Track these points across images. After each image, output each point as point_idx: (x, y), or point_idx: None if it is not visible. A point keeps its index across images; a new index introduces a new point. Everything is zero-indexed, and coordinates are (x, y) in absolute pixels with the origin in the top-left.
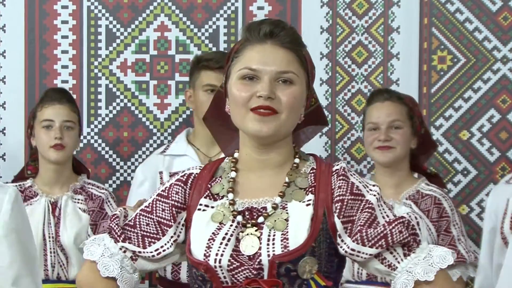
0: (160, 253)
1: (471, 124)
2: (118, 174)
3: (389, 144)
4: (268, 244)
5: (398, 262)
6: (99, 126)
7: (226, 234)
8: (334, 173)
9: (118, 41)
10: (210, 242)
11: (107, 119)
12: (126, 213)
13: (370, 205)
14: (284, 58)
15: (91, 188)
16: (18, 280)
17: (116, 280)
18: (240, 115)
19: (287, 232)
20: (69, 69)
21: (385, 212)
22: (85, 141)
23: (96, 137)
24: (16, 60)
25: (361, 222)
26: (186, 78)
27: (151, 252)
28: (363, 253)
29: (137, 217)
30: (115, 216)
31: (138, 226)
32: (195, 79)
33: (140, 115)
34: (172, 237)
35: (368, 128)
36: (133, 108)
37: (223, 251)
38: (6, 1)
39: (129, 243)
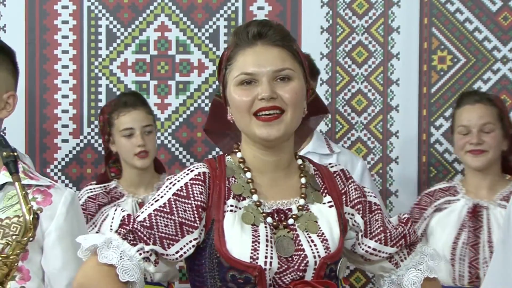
0: (182, 255)
1: None
2: None
3: (482, 148)
4: (310, 246)
5: (402, 261)
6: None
7: (267, 236)
8: (335, 175)
9: (118, 41)
10: (255, 245)
11: None
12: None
13: (378, 207)
14: (278, 56)
15: None
16: (71, 284)
17: (127, 284)
18: (245, 121)
19: (322, 233)
20: (70, 69)
21: (384, 214)
22: (85, 141)
23: (96, 137)
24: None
25: (379, 223)
26: (186, 78)
27: (173, 254)
28: (383, 252)
29: (153, 217)
30: (131, 217)
31: (155, 227)
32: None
33: None
34: (195, 239)
35: (459, 132)
36: None
37: (271, 254)
38: (7, 1)
39: (153, 245)
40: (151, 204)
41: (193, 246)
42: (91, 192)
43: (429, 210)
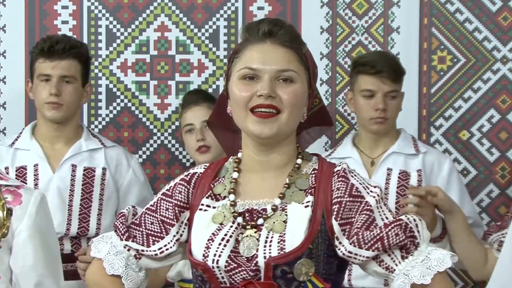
0: (163, 251)
1: (471, 124)
2: None
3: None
4: (265, 246)
5: (396, 265)
6: (100, 126)
7: (226, 235)
8: (335, 174)
9: (118, 41)
10: (209, 243)
11: (107, 119)
12: (135, 211)
13: (368, 207)
14: (284, 56)
15: None
16: (40, 281)
17: (121, 278)
18: (241, 115)
19: (285, 234)
20: None
21: (384, 214)
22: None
23: None
24: (16, 60)
25: (358, 224)
26: (186, 78)
27: (154, 250)
28: (360, 255)
29: (143, 215)
30: (122, 214)
31: (143, 224)
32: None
33: (140, 115)
34: (174, 236)
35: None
36: (133, 108)
37: (221, 252)
38: (6, 1)
39: (132, 241)
40: (148, 204)
41: (174, 243)
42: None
43: None
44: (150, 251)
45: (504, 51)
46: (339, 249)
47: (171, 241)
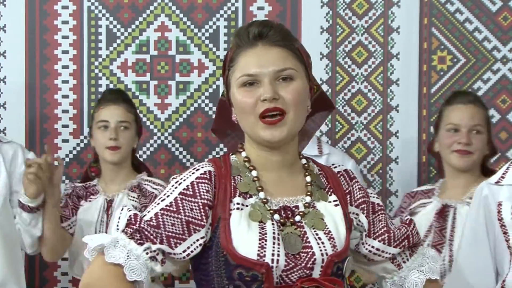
0: (189, 254)
1: None
2: None
3: (469, 149)
4: (318, 243)
5: (404, 262)
6: None
7: (274, 233)
8: (339, 175)
9: (118, 41)
10: (262, 242)
11: None
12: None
13: (381, 207)
14: (279, 56)
15: (147, 185)
16: (3, 284)
17: (134, 283)
18: (249, 123)
19: (329, 231)
20: (70, 69)
21: (388, 215)
22: (85, 141)
23: None
24: (16, 60)
25: (383, 223)
26: (186, 78)
27: (180, 253)
28: (386, 252)
29: (159, 217)
30: (138, 216)
31: (162, 226)
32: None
33: (140, 115)
34: (202, 237)
35: (447, 129)
36: None
37: (278, 251)
38: (7, 1)
39: (160, 244)
40: (157, 204)
41: (200, 245)
42: (68, 190)
43: (405, 213)
44: (176, 254)
45: (504, 51)
46: (364, 246)
47: (195, 242)
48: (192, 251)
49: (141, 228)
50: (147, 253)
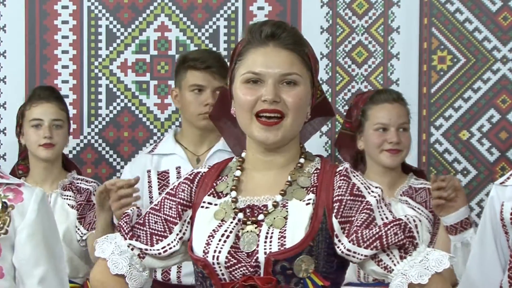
0: (166, 250)
1: (471, 124)
2: (118, 174)
3: (398, 147)
4: (265, 242)
5: (394, 265)
6: (100, 126)
7: (226, 231)
8: (337, 173)
9: (118, 41)
10: (210, 239)
11: (107, 119)
12: (139, 212)
13: (369, 206)
14: (287, 59)
15: (80, 183)
16: (44, 279)
17: (125, 277)
18: (245, 120)
19: (285, 230)
20: (70, 69)
21: (384, 214)
22: (85, 141)
23: (96, 137)
24: (16, 60)
25: (358, 222)
26: None
27: (158, 250)
28: (358, 254)
29: (147, 215)
30: (126, 214)
31: (147, 224)
32: (181, 79)
33: (140, 115)
34: (177, 234)
35: (375, 129)
36: (133, 108)
37: (221, 248)
38: (7, 1)
39: (136, 240)
40: (152, 203)
41: (177, 242)
42: None
43: None
44: (153, 250)
45: (504, 51)
46: (338, 247)
47: (174, 239)
48: (170, 248)
49: (119, 224)
50: (132, 249)
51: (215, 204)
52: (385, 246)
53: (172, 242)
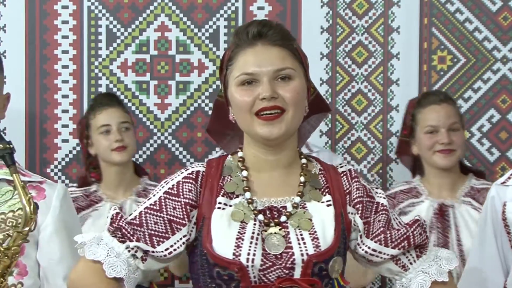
0: (171, 252)
1: (471, 124)
2: None
3: (451, 147)
4: (299, 244)
5: (411, 263)
6: None
7: (253, 233)
8: (342, 174)
9: (118, 41)
10: (239, 242)
11: None
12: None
13: (384, 208)
14: (278, 55)
15: (153, 189)
16: (67, 276)
17: (119, 280)
18: (246, 121)
19: (315, 232)
20: (70, 69)
21: (394, 215)
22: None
23: None
24: (16, 60)
25: (381, 223)
26: (187, 78)
27: (162, 251)
28: (384, 253)
29: (142, 215)
30: (119, 215)
31: (144, 224)
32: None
33: (140, 115)
34: (185, 236)
35: (426, 131)
36: (133, 108)
37: (254, 251)
38: (7, 1)
39: (141, 242)
40: (144, 203)
41: (183, 243)
42: (71, 194)
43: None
44: (157, 252)
45: (504, 51)
46: (361, 248)
47: (179, 241)
48: (175, 250)
49: (119, 226)
50: (129, 251)
51: (230, 205)
52: (411, 246)
53: (175, 243)
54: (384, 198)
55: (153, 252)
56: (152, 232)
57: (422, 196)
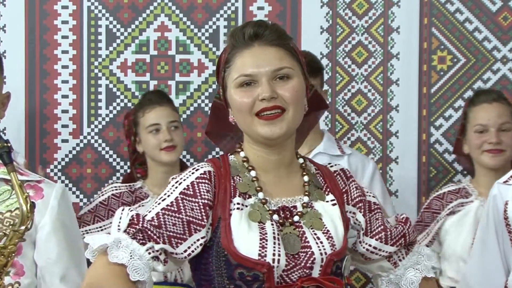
0: (189, 254)
1: None
2: (118, 174)
3: (500, 147)
4: (317, 243)
5: (400, 260)
6: (99, 126)
7: (274, 233)
8: (336, 174)
9: (118, 41)
10: (263, 242)
11: (107, 119)
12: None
13: (378, 206)
14: (276, 55)
15: None
16: (65, 275)
17: (136, 283)
18: (247, 122)
19: (328, 231)
20: (70, 69)
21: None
22: (85, 141)
23: (96, 137)
24: (16, 60)
25: (379, 222)
26: (186, 78)
27: (182, 253)
28: (383, 251)
29: (161, 216)
30: (140, 216)
31: (163, 226)
32: None
33: None
34: (203, 237)
35: (475, 130)
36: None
37: (279, 251)
38: (7, 1)
39: (167, 244)
40: (158, 203)
41: (200, 244)
42: (116, 190)
43: (442, 213)
44: (178, 253)
45: (504, 51)
46: (362, 245)
47: (196, 242)
48: (193, 251)
49: (143, 228)
50: (149, 253)
51: (246, 206)
52: (407, 243)
53: (192, 244)
54: (373, 197)
55: (175, 254)
56: (171, 233)
57: (472, 196)
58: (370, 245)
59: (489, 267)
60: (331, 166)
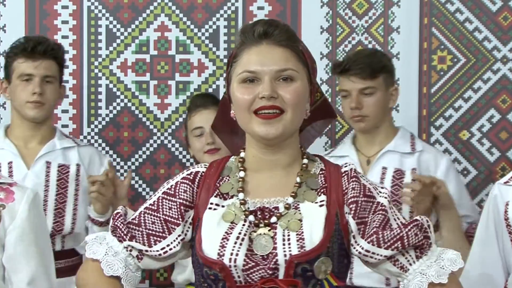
0: (166, 252)
1: (471, 124)
2: (118, 174)
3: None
4: (283, 244)
5: (410, 264)
6: (99, 126)
7: (240, 233)
8: (344, 174)
9: (118, 41)
10: (224, 242)
11: (107, 119)
12: (125, 211)
13: (382, 207)
14: (282, 56)
15: None
16: (33, 279)
17: (119, 279)
18: (245, 118)
19: (302, 232)
20: (70, 69)
21: (396, 215)
22: (85, 141)
23: (96, 137)
24: None
25: (376, 224)
26: (186, 78)
27: (157, 251)
28: (377, 254)
29: (142, 215)
30: (118, 214)
31: (143, 224)
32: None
33: (140, 115)
34: (179, 235)
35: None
36: (133, 108)
37: (238, 251)
38: (6, 1)
39: (135, 241)
40: (145, 203)
41: (178, 243)
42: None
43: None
44: (153, 251)
45: (504, 51)
46: (354, 248)
47: (175, 240)
48: (170, 249)
49: (115, 225)
50: (127, 250)
51: (222, 206)
52: (405, 247)
53: (172, 243)
54: (385, 197)
55: (147, 251)
56: (150, 231)
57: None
58: (362, 248)
59: (488, 267)
60: (344, 166)
